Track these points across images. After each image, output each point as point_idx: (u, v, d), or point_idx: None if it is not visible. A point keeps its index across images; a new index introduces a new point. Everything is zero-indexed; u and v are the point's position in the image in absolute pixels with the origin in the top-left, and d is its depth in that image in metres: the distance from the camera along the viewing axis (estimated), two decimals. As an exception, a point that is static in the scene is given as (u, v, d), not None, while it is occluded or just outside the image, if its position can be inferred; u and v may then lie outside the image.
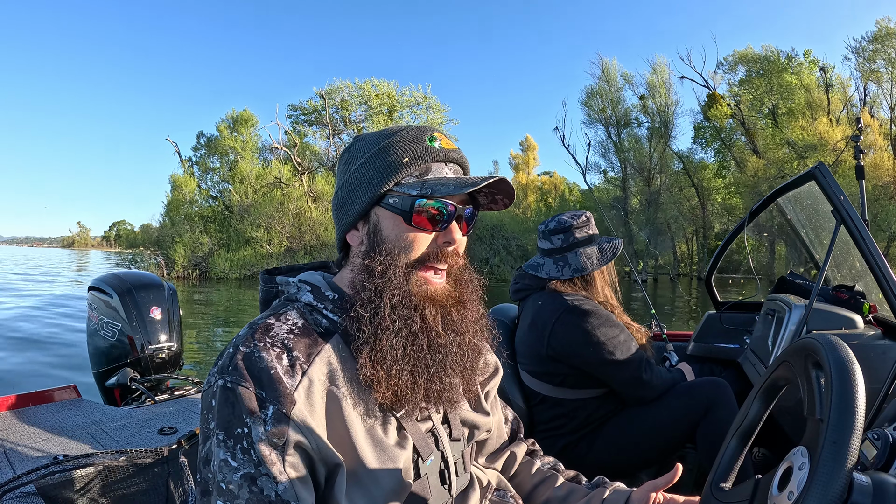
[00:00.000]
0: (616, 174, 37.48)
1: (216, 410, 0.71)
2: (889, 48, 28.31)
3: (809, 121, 28.39)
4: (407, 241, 0.80)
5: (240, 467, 0.69)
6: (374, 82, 35.55)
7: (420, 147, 0.81)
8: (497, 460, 1.07)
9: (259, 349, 0.73)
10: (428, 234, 0.81)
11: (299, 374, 0.74)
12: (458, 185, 0.78)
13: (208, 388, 0.74)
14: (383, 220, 0.81)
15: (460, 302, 0.84)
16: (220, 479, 0.70)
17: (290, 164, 32.87)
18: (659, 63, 35.42)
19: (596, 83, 36.82)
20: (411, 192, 0.79)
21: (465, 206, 0.83)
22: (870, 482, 0.59)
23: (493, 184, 0.81)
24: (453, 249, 0.82)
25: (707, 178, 35.59)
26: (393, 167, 0.80)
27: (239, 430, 0.70)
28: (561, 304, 1.74)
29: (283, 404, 0.71)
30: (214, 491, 0.70)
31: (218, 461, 0.70)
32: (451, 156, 0.83)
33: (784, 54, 31.53)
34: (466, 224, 0.85)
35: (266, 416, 0.70)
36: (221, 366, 0.73)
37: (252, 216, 29.55)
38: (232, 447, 0.69)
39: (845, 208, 1.63)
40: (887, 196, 26.03)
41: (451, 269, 0.84)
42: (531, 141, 51.15)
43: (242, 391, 0.70)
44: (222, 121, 33.86)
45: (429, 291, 0.80)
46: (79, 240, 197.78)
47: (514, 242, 32.30)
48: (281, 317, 0.80)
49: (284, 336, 0.76)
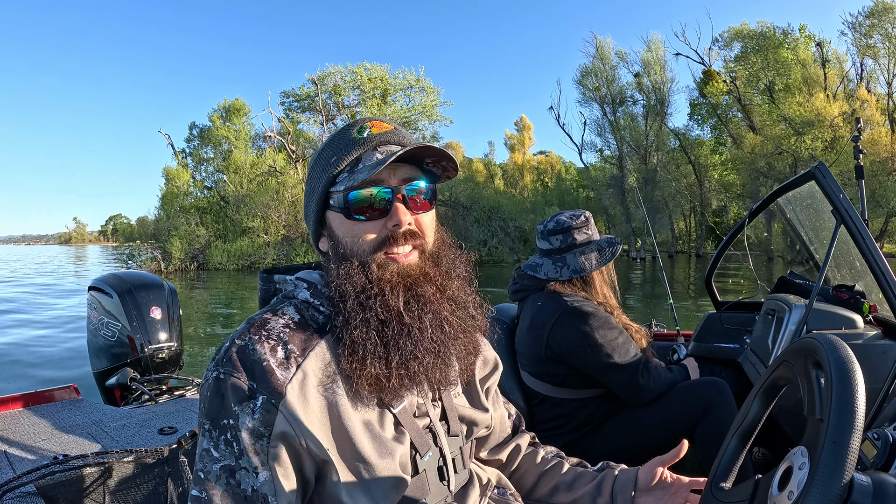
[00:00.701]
0: (612, 152, 37.52)
1: (207, 401, 0.73)
2: (886, 23, 28.16)
3: (806, 97, 28.28)
4: (354, 234, 0.81)
5: (221, 458, 0.70)
6: (367, 66, 35.23)
7: (345, 141, 0.82)
8: (501, 452, 1.07)
9: (253, 342, 0.75)
10: (372, 222, 0.80)
11: (294, 367, 0.74)
12: (373, 165, 0.78)
13: (204, 381, 0.75)
14: (332, 221, 0.84)
15: (431, 278, 0.82)
16: (199, 469, 0.71)
17: (284, 152, 32.75)
18: (653, 40, 35.23)
19: (590, 62, 36.68)
20: (340, 188, 0.80)
21: (407, 184, 0.82)
22: (870, 482, 0.59)
23: (435, 153, 0.81)
24: (406, 230, 0.80)
25: (703, 154, 35.60)
26: (325, 170, 0.82)
27: (225, 422, 0.71)
28: (560, 306, 1.73)
29: (272, 395, 0.71)
30: (194, 479, 0.71)
31: (201, 450, 0.71)
32: (381, 139, 0.82)
33: (780, 30, 31.33)
34: (426, 201, 0.84)
35: (254, 406, 0.71)
36: (217, 359, 0.74)
37: (248, 206, 29.50)
38: (216, 437, 0.71)
39: (845, 208, 1.62)
40: (885, 172, 26.02)
41: (419, 248, 0.83)
42: (526, 121, 50.94)
43: (234, 381, 0.71)
44: (214, 111, 33.74)
45: (395, 270, 0.79)
46: (76, 236, 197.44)
47: (512, 224, 32.32)
48: (278, 312, 0.81)
49: (280, 330, 0.77)
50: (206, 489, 0.70)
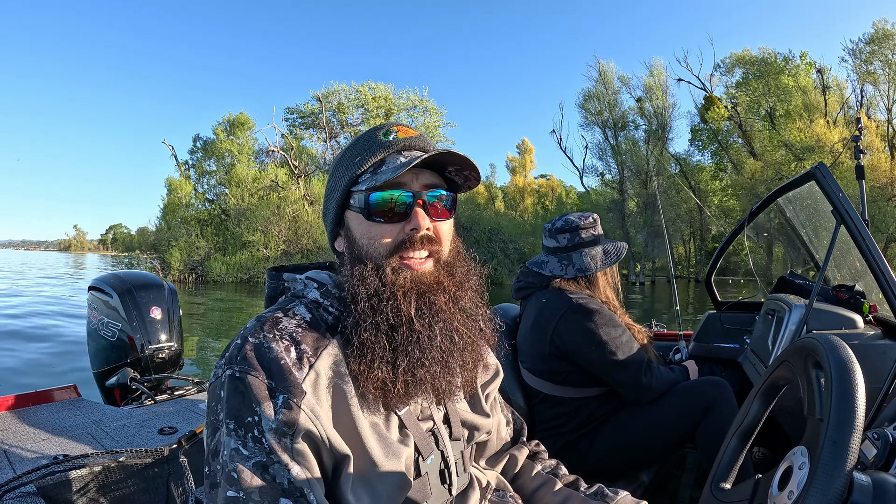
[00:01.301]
0: (613, 177, 37.57)
1: (225, 400, 0.71)
2: (886, 50, 28.40)
3: (807, 122, 28.45)
4: (371, 235, 0.81)
5: (251, 455, 0.69)
6: (371, 85, 35.53)
7: (371, 143, 0.83)
8: (498, 463, 1.07)
9: (268, 340, 0.74)
10: (390, 224, 0.81)
11: (307, 367, 0.74)
12: (396, 167, 0.79)
13: (216, 379, 0.74)
14: (351, 221, 0.84)
15: (446, 288, 0.82)
16: (231, 469, 0.69)
17: (286, 168, 32.76)
18: (656, 65, 35.58)
19: (593, 86, 37.02)
20: (362, 188, 0.81)
21: (429, 190, 0.82)
22: (870, 482, 0.59)
23: (460, 162, 0.82)
24: (424, 235, 0.81)
25: (704, 180, 35.65)
26: (349, 169, 0.83)
27: (249, 419, 0.70)
28: (565, 302, 1.74)
29: (292, 394, 0.71)
30: (223, 481, 0.69)
31: (229, 450, 0.69)
32: (406, 144, 0.83)
33: (781, 56, 31.65)
34: (445, 209, 0.85)
35: (276, 406, 0.70)
36: (229, 356, 0.74)
37: (248, 220, 29.43)
38: (243, 436, 0.70)
39: (845, 208, 1.63)
40: (885, 197, 26.06)
41: (435, 255, 0.84)
42: (528, 144, 51.09)
43: (252, 380, 0.71)
44: (219, 124, 33.88)
45: (409, 277, 0.80)
46: (75, 243, 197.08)
47: (512, 246, 32.20)
48: (289, 311, 0.81)
49: (293, 329, 0.77)
50: (243, 487, 0.68)
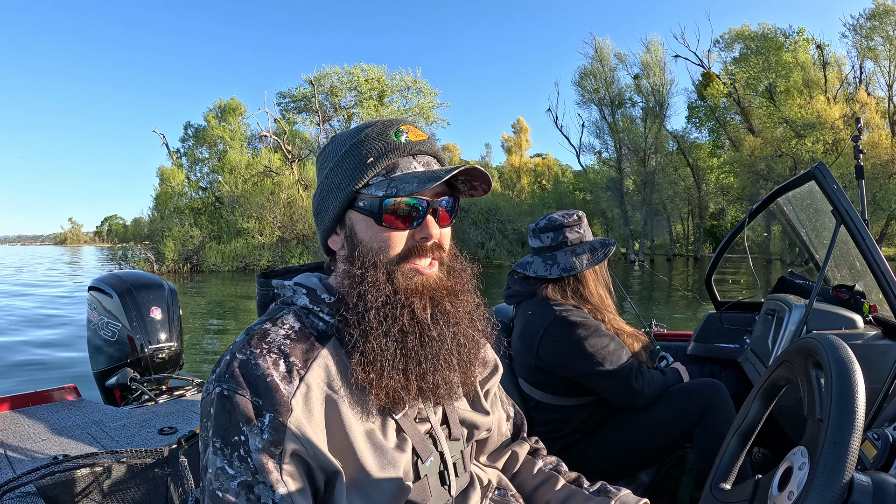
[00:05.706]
0: (611, 155, 37.50)
1: (213, 418, 0.71)
2: (887, 25, 28.18)
3: (807, 99, 28.30)
4: (381, 241, 0.79)
5: (237, 475, 0.69)
6: (364, 67, 35.17)
7: (384, 144, 0.80)
8: (499, 459, 1.07)
9: (255, 356, 0.73)
10: (402, 231, 0.79)
11: (297, 381, 0.73)
12: (421, 180, 0.76)
13: (206, 395, 0.74)
14: (357, 223, 0.81)
15: (453, 292, 0.83)
16: (216, 487, 0.70)
17: (279, 153, 32.56)
18: (653, 42, 35.28)
19: (589, 63, 36.72)
20: (377, 193, 0.78)
21: (441, 198, 0.82)
22: (870, 482, 0.59)
23: (468, 170, 0.80)
24: (433, 243, 0.81)
25: (702, 157, 35.60)
26: (359, 169, 0.79)
27: (236, 438, 0.70)
28: (549, 316, 1.71)
29: (279, 412, 0.70)
30: (207, 499, 0.70)
31: (214, 469, 0.70)
32: (419, 148, 0.81)
33: (780, 32, 31.36)
34: (448, 215, 0.84)
35: (262, 425, 0.70)
36: (219, 374, 0.73)
37: (243, 207, 29.22)
38: (229, 455, 0.70)
39: (845, 208, 1.61)
40: (886, 174, 26.03)
41: (439, 260, 0.83)
42: (523, 123, 50.76)
43: (239, 399, 0.70)
44: (210, 110, 33.49)
45: (420, 282, 0.79)
46: (71, 236, 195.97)
47: (510, 226, 32.29)
48: (277, 321, 0.79)
49: (281, 342, 0.76)
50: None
